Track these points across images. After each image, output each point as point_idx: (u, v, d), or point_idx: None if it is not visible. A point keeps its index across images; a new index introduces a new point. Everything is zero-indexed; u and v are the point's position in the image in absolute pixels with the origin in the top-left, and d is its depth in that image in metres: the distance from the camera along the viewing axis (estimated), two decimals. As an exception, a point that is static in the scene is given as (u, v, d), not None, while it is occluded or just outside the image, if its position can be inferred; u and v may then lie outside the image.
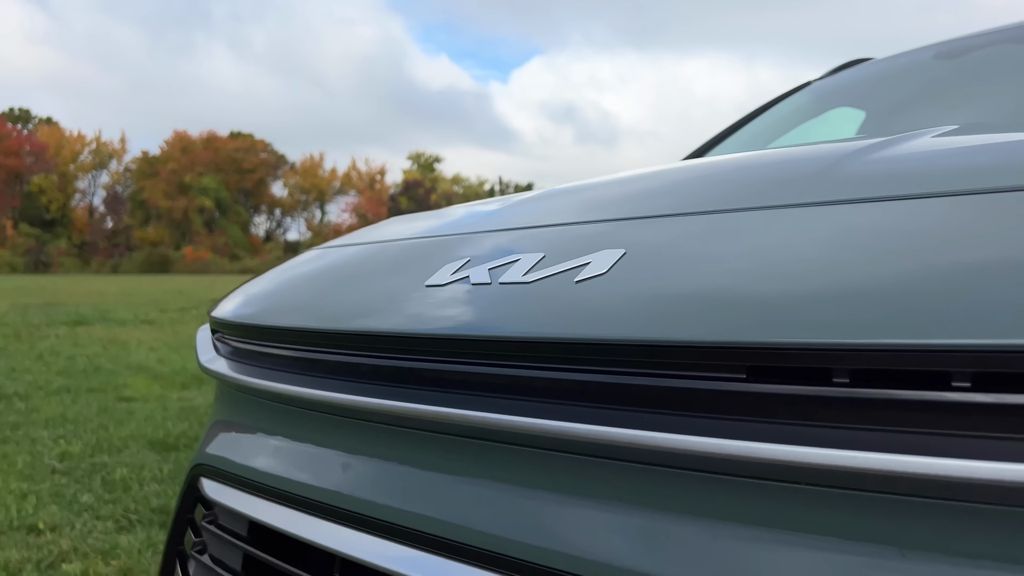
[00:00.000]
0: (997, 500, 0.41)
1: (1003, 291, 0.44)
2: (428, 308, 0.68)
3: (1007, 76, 1.90)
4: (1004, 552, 0.41)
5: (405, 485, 0.70)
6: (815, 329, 0.48)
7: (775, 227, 0.62)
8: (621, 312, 0.56)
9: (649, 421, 0.52)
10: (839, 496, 0.46)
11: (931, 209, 0.58)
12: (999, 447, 0.41)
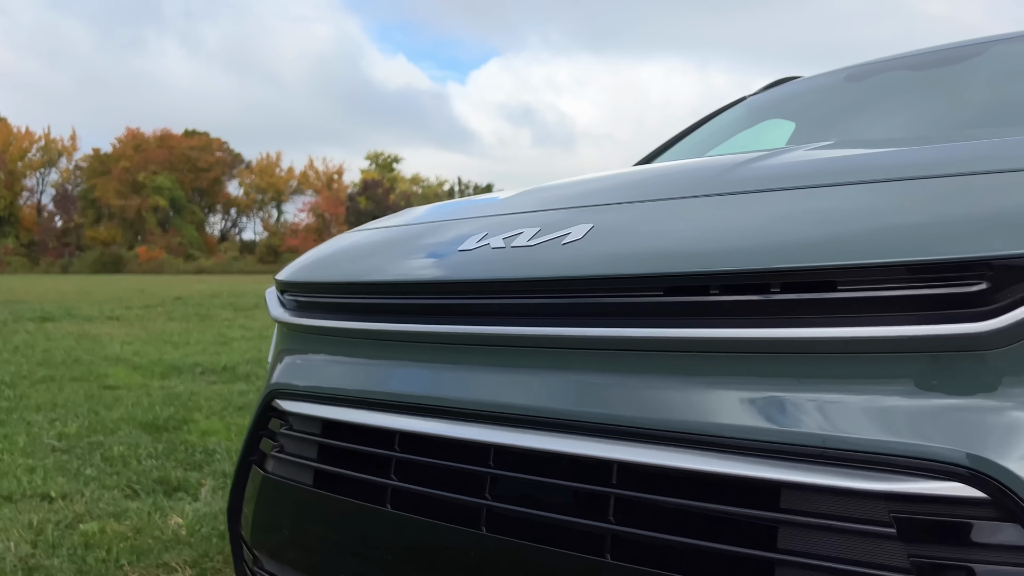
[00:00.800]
0: (803, 350, 0.78)
1: (801, 243, 0.82)
2: (465, 262, 1.04)
3: (895, 97, 2.33)
4: (815, 370, 0.78)
5: (434, 380, 1.07)
6: (702, 262, 0.85)
7: (686, 208, 1.00)
8: (590, 260, 0.93)
9: (599, 324, 0.90)
10: (725, 357, 0.83)
11: (779, 198, 0.96)
12: (803, 320, 0.78)
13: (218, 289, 19.36)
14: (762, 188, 0.98)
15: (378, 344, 1.17)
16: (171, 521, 2.94)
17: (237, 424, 4.45)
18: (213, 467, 3.68)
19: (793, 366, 0.78)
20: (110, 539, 2.75)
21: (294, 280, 1.39)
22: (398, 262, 1.18)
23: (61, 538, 2.76)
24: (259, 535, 1.32)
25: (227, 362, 6.68)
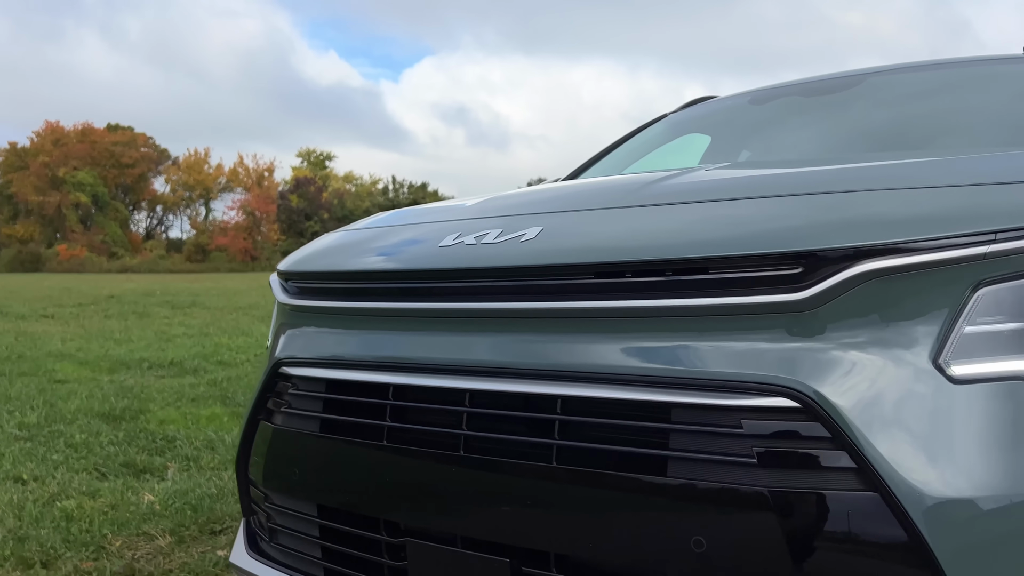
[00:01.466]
0: (686, 313, 1.14)
1: (686, 241, 1.19)
2: (446, 255, 1.38)
3: (787, 120, 2.75)
4: (694, 326, 1.14)
5: (420, 345, 1.40)
6: (620, 254, 1.21)
7: (610, 215, 1.35)
8: (541, 253, 1.28)
9: (546, 299, 1.24)
10: (635, 320, 1.19)
11: (676, 209, 1.32)
12: (661, 293, 1.14)
13: (150, 288, 19.10)
14: (665, 202, 1.35)
15: (372, 319, 1.50)
16: (144, 498, 3.18)
17: (193, 414, 4.66)
18: (175, 452, 3.90)
19: (680, 324, 1.14)
20: (89, 514, 2.98)
21: (295, 270, 1.70)
22: (389, 254, 1.51)
23: (42, 514, 2.97)
24: (270, 477, 1.62)
25: (173, 357, 6.82)
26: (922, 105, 2.54)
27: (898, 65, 2.86)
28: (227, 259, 67.62)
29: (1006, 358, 1.04)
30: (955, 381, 1.03)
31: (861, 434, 1.01)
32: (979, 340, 1.04)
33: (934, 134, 2.31)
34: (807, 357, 1.07)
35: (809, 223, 1.13)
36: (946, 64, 2.75)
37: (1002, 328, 1.05)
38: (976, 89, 2.54)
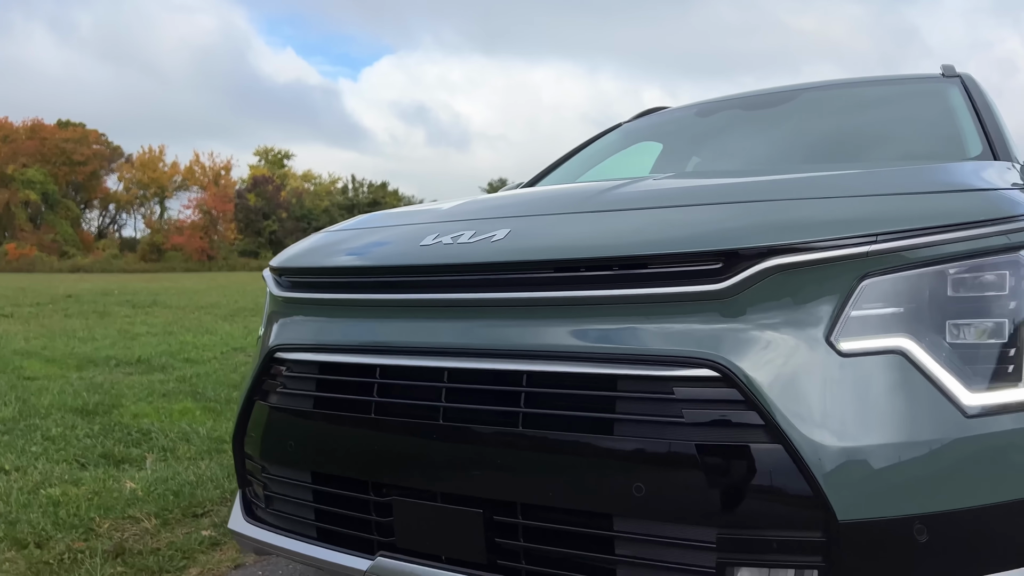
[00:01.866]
0: (630, 301, 1.38)
1: (631, 241, 1.42)
2: (428, 253, 1.59)
3: (729, 131, 3.02)
4: (637, 311, 1.38)
5: (404, 331, 1.61)
6: (576, 252, 1.44)
7: (567, 219, 1.59)
8: (509, 251, 1.50)
9: (513, 290, 1.47)
10: (587, 308, 1.42)
11: (624, 214, 1.56)
12: (603, 285, 1.38)
13: (107, 287, 18.90)
14: (613, 208, 1.59)
15: (362, 309, 1.71)
16: (126, 485, 3.33)
17: (166, 409, 4.79)
18: (151, 443, 4.04)
19: (623, 310, 1.38)
20: (74, 500, 3.12)
21: (288, 266, 1.90)
22: (376, 252, 1.73)
23: (29, 500, 3.11)
24: (267, 450, 1.82)
25: (140, 355, 6.91)
26: (842, 120, 2.84)
27: (827, 82, 3.15)
28: (183, 259, 66.55)
29: (883, 336, 1.29)
30: (843, 354, 1.28)
31: (768, 398, 1.26)
32: (863, 321, 1.30)
33: (849, 147, 2.59)
34: (726, 336, 1.31)
35: (727, 227, 1.38)
36: (868, 82, 3.05)
37: (881, 312, 1.31)
38: (890, 106, 2.84)
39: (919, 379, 1.28)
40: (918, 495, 1.24)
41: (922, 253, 1.33)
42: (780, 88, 3.25)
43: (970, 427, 1.26)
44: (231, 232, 75.75)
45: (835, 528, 1.22)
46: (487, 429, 1.45)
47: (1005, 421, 1.28)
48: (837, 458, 1.23)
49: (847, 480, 1.23)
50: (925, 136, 2.57)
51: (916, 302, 1.32)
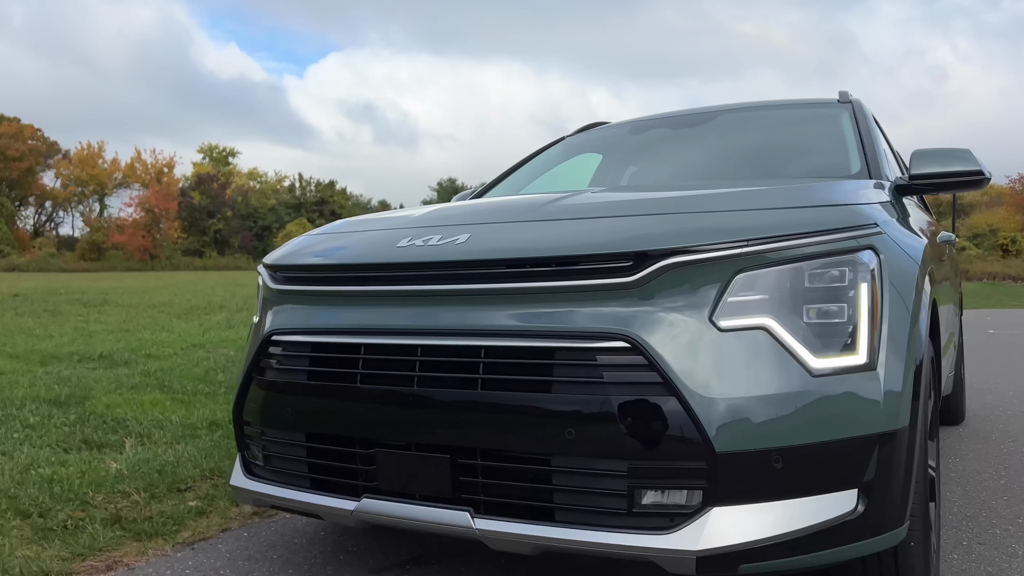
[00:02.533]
0: (564, 291, 1.79)
1: (565, 244, 1.83)
2: (403, 253, 1.98)
3: (656, 148, 3.47)
4: (570, 299, 1.79)
5: (383, 316, 2.00)
6: (521, 252, 1.84)
7: (516, 226, 1.99)
8: (470, 251, 1.90)
9: (471, 282, 1.87)
10: (530, 296, 1.83)
11: (561, 223, 1.97)
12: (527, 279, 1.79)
13: (51, 286, 18.69)
14: (553, 217, 2.00)
15: (350, 299, 2.09)
16: (111, 466, 3.62)
17: (136, 400, 5.05)
18: (127, 430, 4.32)
19: (559, 297, 1.78)
20: (65, 478, 3.40)
21: (281, 263, 2.27)
22: (361, 251, 2.11)
23: (23, 479, 3.38)
24: (266, 417, 2.18)
25: (102, 351, 7.10)
26: (751, 139, 3.31)
27: (741, 104, 3.62)
28: (124, 258, 65.03)
29: (752, 316, 1.72)
30: (721, 330, 1.71)
31: (665, 362, 1.68)
32: (736, 305, 1.73)
33: (755, 164, 3.06)
34: (635, 317, 1.73)
35: (638, 234, 1.80)
36: (775, 105, 3.53)
37: (750, 298, 1.74)
38: (793, 127, 3.32)
39: (778, 348, 1.71)
40: (775, 434, 1.67)
41: (784, 254, 1.77)
42: (701, 109, 3.71)
43: (815, 384, 1.70)
44: (175, 231, 74.25)
45: (714, 458, 1.65)
46: (453, 392, 1.85)
47: (842, 379, 1.72)
48: (716, 406, 1.66)
49: (723, 423, 1.66)
50: (818, 155, 3.05)
51: (779, 291, 1.76)
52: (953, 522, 2.91)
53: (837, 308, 1.78)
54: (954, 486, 3.42)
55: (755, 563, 1.68)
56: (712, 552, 1.64)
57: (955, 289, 4.19)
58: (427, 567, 2.49)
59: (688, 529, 1.66)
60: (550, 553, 1.79)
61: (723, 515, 1.66)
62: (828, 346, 1.75)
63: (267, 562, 2.56)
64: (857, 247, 1.84)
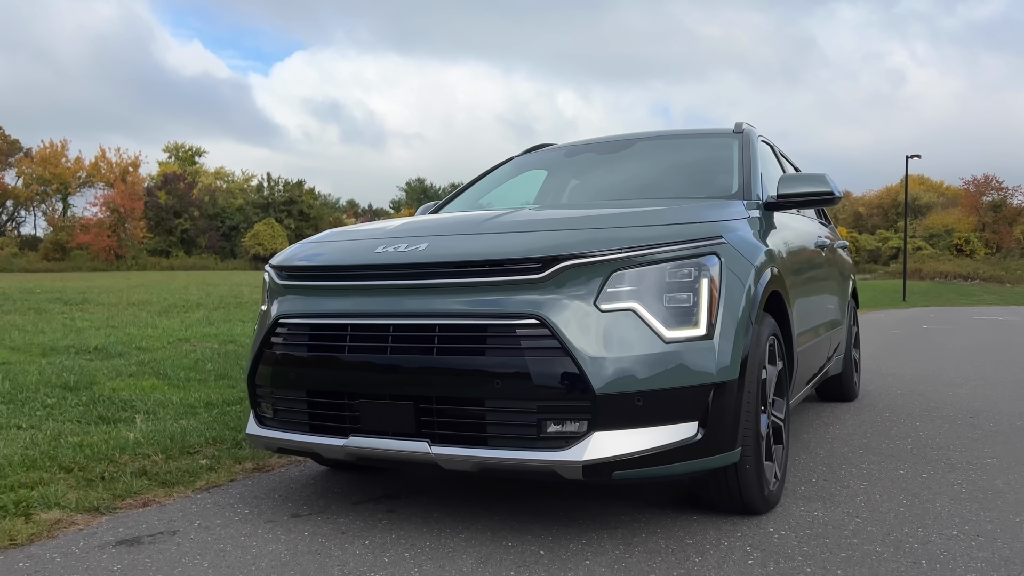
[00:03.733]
0: (495, 284, 2.54)
1: (497, 250, 2.58)
2: (380, 257, 2.70)
3: (585, 170, 4.23)
4: (497, 289, 2.54)
5: (363, 303, 2.73)
6: (465, 256, 2.59)
7: (462, 238, 2.74)
8: (429, 255, 2.63)
9: (430, 278, 2.61)
10: (468, 288, 2.57)
11: (498, 235, 2.72)
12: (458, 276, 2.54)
13: (25, 286, 19.04)
14: (491, 231, 2.74)
15: (339, 291, 2.81)
16: (128, 435, 4.29)
17: (137, 385, 5.71)
18: (135, 409, 4.98)
19: (492, 288, 2.53)
20: (92, 444, 4.07)
21: (285, 264, 2.99)
22: (348, 255, 2.83)
23: (56, 445, 4.04)
24: (276, 380, 2.89)
25: (96, 344, 7.70)
26: (659, 164, 4.08)
27: (655, 132, 4.40)
28: (89, 257, 64.48)
29: (623, 302, 2.48)
30: (602, 311, 2.46)
31: (563, 333, 2.43)
32: (612, 295, 2.49)
33: (658, 185, 3.83)
34: (543, 302, 2.47)
35: (547, 244, 2.55)
36: (682, 134, 4.31)
37: (622, 289, 2.50)
38: (694, 153, 4.10)
39: (641, 324, 2.47)
40: (637, 381, 2.43)
41: (648, 258, 2.53)
42: (621, 136, 4.49)
43: (667, 348, 2.47)
44: (140, 230, 73.59)
45: (595, 399, 2.40)
46: (416, 357, 2.58)
47: (686, 345, 2.49)
48: (597, 364, 2.41)
49: (601, 374, 2.41)
50: (710, 177, 3.82)
51: (643, 284, 2.52)
52: (812, 466, 3.70)
53: (685, 296, 2.55)
54: (825, 444, 4.22)
55: (624, 471, 2.44)
56: (593, 462, 2.40)
57: (839, 284, 5.01)
58: (397, 500, 3.21)
59: (577, 447, 2.41)
60: (487, 471, 2.53)
61: (601, 438, 2.41)
62: (678, 323, 2.52)
63: (271, 499, 3.27)
64: (703, 252, 2.61)
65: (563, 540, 2.67)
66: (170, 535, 2.80)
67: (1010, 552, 2.53)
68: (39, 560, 2.56)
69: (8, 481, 3.35)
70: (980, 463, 3.75)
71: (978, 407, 5.37)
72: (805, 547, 2.59)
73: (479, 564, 2.46)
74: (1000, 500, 3.12)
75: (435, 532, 2.77)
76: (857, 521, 2.86)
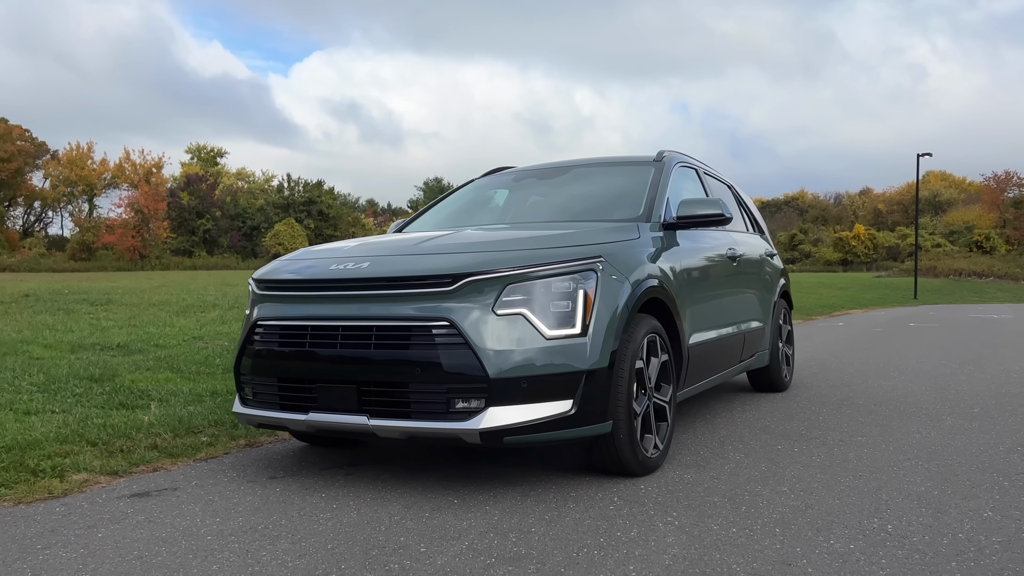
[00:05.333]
0: (421, 295, 3.30)
1: (423, 269, 3.35)
2: (335, 272, 3.47)
3: (527, 193, 4.98)
4: (424, 298, 3.30)
5: (319, 309, 3.50)
6: (401, 272, 3.35)
7: (400, 257, 3.50)
8: (372, 271, 3.40)
9: (372, 289, 3.38)
10: (399, 297, 3.33)
11: (430, 255, 3.48)
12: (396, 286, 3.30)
13: (56, 287, 20.05)
14: (419, 252, 3.51)
15: (301, 299, 3.58)
16: (143, 418, 5.09)
17: (154, 377, 6.52)
18: (151, 397, 5.78)
19: (417, 298, 3.28)
20: (114, 425, 4.88)
21: (263, 278, 3.76)
22: (310, 270, 3.60)
23: (85, 425, 4.85)
24: (255, 369, 3.67)
25: (118, 342, 8.55)
26: (586, 189, 4.82)
27: (587, 159, 5.13)
28: (114, 257, 65.93)
29: (515, 308, 3.24)
30: (498, 316, 3.22)
31: (467, 332, 3.18)
32: (507, 302, 3.24)
33: (580, 208, 4.58)
34: (452, 308, 3.23)
35: (456, 264, 3.31)
36: (611, 161, 5.04)
37: (514, 298, 3.25)
38: (619, 179, 4.83)
39: (528, 325, 3.22)
40: (523, 368, 3.17)
41: (535, 275, 3.28)
42: (560, 163, 5.24)
43: (548, 343, 3.21)
44: (164, 231, 74.96)
45: (489, 380, 3.15)
46: (358, 351, 3.34)
47: (565, 341, 3.23)
48: (491, 355, 3.16)
49: (495, 362, 3.16)
50: (624, 201, 4.55)
51: (532, 295, 3.26)
52: (707, 443, 4.41)
53: (565, 304, 3.30)
54: (730, 425, 4.93)
55: (513, 437, 3.19)
56: (488, 430, 3.14)
57: (760, 288, 5.72)
58: (356, 467, 3.98)
59: (476, 419, 3.16)
60: (412, 438, 3.29)
61: (495, 411, 3.16)
62: (558, 324, 3.26)
63: (255, 466, 4.04)
64: (582, 269, 3.36)
65: (476, 493, 3.42)
66: (172, 491, 3.58)
67: (815, 500, 3.25)
68: (71, 507, 3.35)
69: (46, 451, 4.15)
70: (850, 441, 4.45)
71: (887, 397, 6.05)
72: (660, 498, 3.32)
73: (404, 509, 3.22)
74: (840, 467, 3.83)
75: (378, 489, 3.54)
76: (714, 481, 3.58)
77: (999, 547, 2.71)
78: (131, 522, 3.12)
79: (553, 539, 2.83)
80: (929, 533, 2.85)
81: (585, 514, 3.12)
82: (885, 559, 2.60)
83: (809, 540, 2.79)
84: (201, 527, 3.04)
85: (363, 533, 2.93)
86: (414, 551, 2.73)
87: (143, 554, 2.75)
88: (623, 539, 2.83)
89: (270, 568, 2.60)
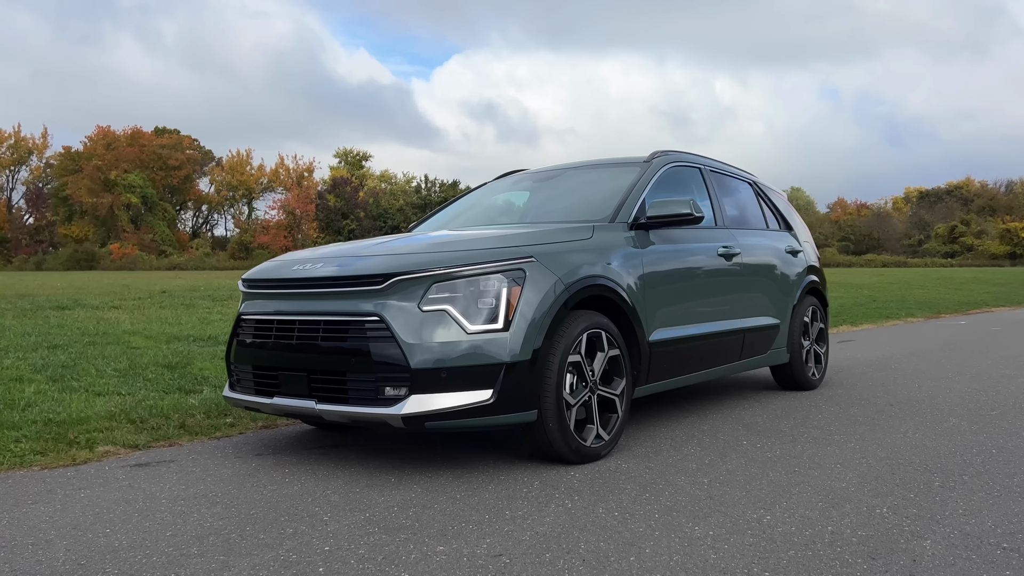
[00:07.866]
0: (367, 292, 3.65)
1: (363, 268, 3.70)
2: (298, 272, 3.89)
3: (524, 196, 5.23)
4: (373, 296, 3.66)
5: (283, 305, 3.92)
6: (354, 271, 3.72)
7: (352, 259, 3.88)
8: (326, 272, 3.79)
9: (328, 288, 3.76)
10: (348, 294, 3.70)
11: (385, 256, 3.83)
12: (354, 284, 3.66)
13: (196, 284, 22.00)
14: (366, 255, 3.86)
15: (269, 296, 4.02)
16: (190, 401, 5.74)
17: (222, 366, 7.24)
18: (207, 383, 6.47)
19: (355, 295, 3.64)
20: (161, 407, 5.54)
21: (246, 279, 4.24)
22: (276, 272, 4.03)
23: (136, 406, 5.53)
24: (238, 358, 4.14)
25: (211, 334, 9.46)
26: (576, 190, 5.01)
27: (581, 162, 5.31)
28: (269, 256, 70.62)
29: (440, 304, 3.53)
30: (423, 311, 3.52)
31: (394, 326, 3.50)
32: (432, 300, 3.53)
33: (568, 208, 4.78)
34: (383, 304, 3.56)
35: (388, 264, 3.64)
36: (604, 163, 5.20)
37: (440, 295, 3.54)
38: (609, 181, 4.98)
39: (451, 320, 3.50)
40: (444, 360, 3.46)
41: (459, 274, 3.55)
42: (556, 166, 5.44)
43: (469, 337, 3.48)
44: (313, 231, 79.33)
45: (411, 370, 3.45)
46: (309, 342, 3.74)
47: (487, 335, 3.49)
48: (415, 347, 3.46)
49: (417, 355, 3.46)
50: (600, 203, 4.71)
51: (456, 292, 3.54)
52: (673, 437, 4.50)
53: (490, 300, 3.55)
54: (718, 420, 4.97)
55: (435, 422, 3.48)
56: (410, 415, 3.45)
57: (770, 286, 5.68)
58: (335, 449, 4.38)
59: (399, 405, 3.47)
60: (353, 422, 3.64)
61: (417, 398, 3.46)
62: (481, 320, 3.52)
63: (255, 445, 4.53)
64: (511, 269, 3.60)
65: (416, 473, 3.74)
66: (169, 463, 4.12)
67: (719, 492, 3.33)
68: (81, 471, 3.94)
69: (89, 426, 4.83)
70: (825, 439, 4.42)
71: (914, 398, 5.83)
72: (578, 484, 3.51)
73: (344, 485, 3.58)
74: (782, 463, 3.86)
75: (345, 466, 3.92)
76: (645, 471, 3.72)
77: (855, 541, 2.74)
78: (115, 486, 3.65)
79: (445, 515, 3.11)
80: (799, 525, 2.91)
81: (495, 495, 3.36)
82: (728, 545, 2.70)
83: (676, 526, 2.91)
84: (163, 493, 3.52)
85: (288, 503, 3.31)
86: (318, 519, 3.09)
87: (101, 511, 3.26)
88: (507, 517, 3.06)
89: (187, 526, 3.03)
